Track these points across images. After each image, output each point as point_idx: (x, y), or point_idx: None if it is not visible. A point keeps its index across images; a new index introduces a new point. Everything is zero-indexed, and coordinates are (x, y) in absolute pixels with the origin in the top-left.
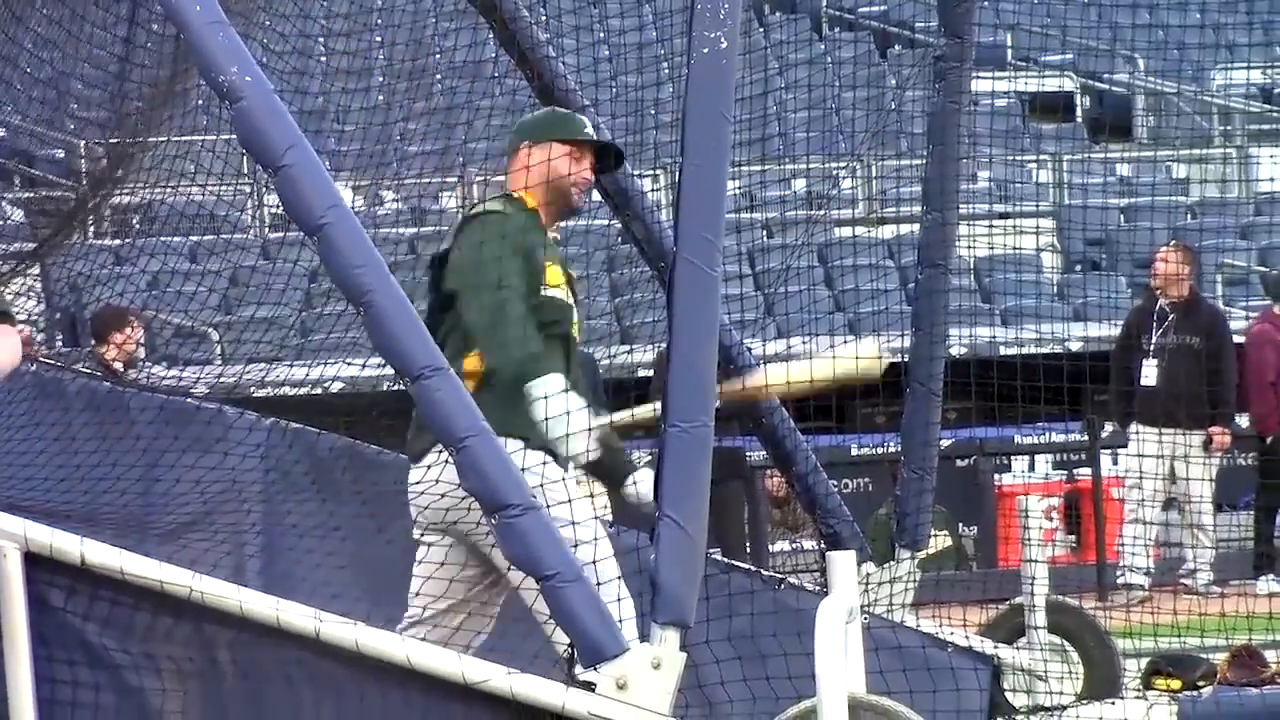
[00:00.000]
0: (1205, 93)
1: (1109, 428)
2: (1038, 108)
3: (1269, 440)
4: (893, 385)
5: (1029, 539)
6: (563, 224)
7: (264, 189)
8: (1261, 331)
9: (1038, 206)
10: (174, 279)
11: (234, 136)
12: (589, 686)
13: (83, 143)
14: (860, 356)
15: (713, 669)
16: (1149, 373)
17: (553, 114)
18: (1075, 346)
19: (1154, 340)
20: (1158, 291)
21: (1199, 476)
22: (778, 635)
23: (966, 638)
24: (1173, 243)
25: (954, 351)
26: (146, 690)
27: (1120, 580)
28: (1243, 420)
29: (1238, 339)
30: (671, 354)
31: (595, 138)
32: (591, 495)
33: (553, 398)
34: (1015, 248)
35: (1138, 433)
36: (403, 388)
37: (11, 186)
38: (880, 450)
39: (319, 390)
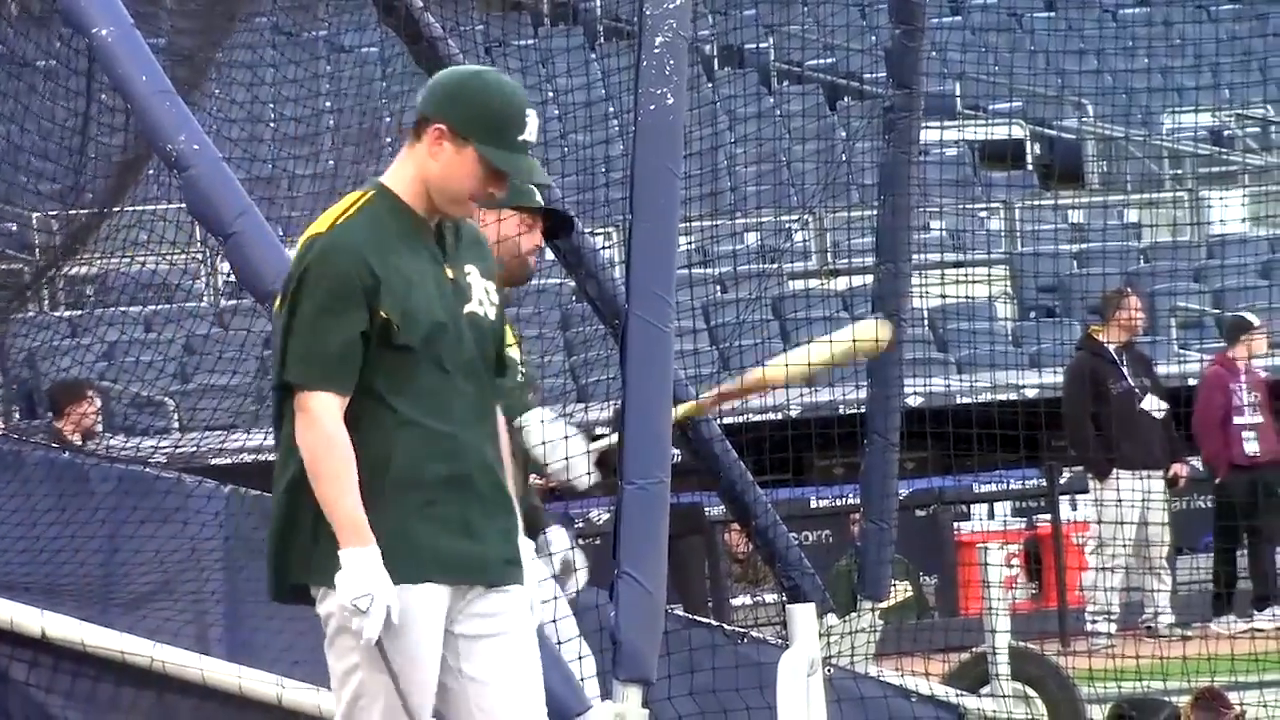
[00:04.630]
0: (1155, 137)
1: (1067, 473)
2: (988, 156)
3: (1218, 481)
4: (849, 437)
5: (990, 587)
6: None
7: (217, 257)
8: (1213, 374)
9: (990, 254)
10: (130, 348)
11: (184, 205)
12: None
13: (35, 215)
14: (858, 338)
15: None
16: (1145, 416)
17: None
18: (1031, 394)
19: (1129, 384)
20: (1100, 336)
21: (1159, 520)
22: (740, 689)
23: (930, 687)
24: (1125, 288)
25: (910, 401)
26: None
27: (1091, 627)
28: (1196, 462)
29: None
30: (626, 411)
31: (544, 205)
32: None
33: None
34: (969, 296)
35: (1143, 477)
36: None
37: None
38: (839, 502)
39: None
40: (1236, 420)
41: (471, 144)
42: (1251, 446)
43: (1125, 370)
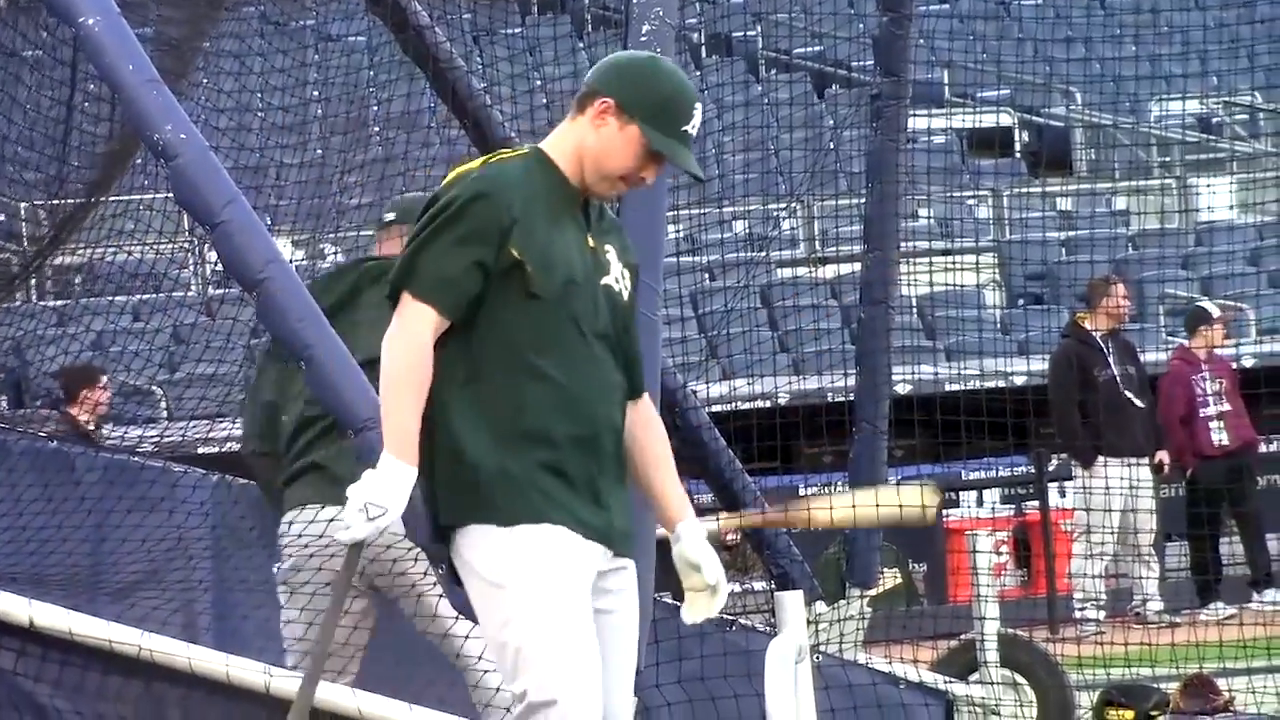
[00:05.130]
0: (1143, 124)
1: (1055, 461)
2: (976, 143)
3: (1189, 473)
4: (838, 424)
5: (978, 574)
6: None
7: (204, 246)
8: (1175, 368)
9: (978, 242)
10: (118, 338)
11: (171, 194)
12: None
13: (23, 205)
14: (904, 504)
15: (664, 712)
16: (1130, 403)
17: None
18: (1019, 381)
19: (1115, 371)
20: (1086, 324)
21: (1147, 508)
22: (728, 677)
23: (919, 674)
24: (1112, 275)
25: (899, 389)
26: None
27: (1079, 614)
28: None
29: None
30: None
31: None
32: None
33: None
34: (957, 284)
35: (1129, 465)
36: None
37: None
38: (828, 489)
39: None
40: (1203, 412)
41: (636, 123)
42: (1219, 436)
43: (1110, 358)
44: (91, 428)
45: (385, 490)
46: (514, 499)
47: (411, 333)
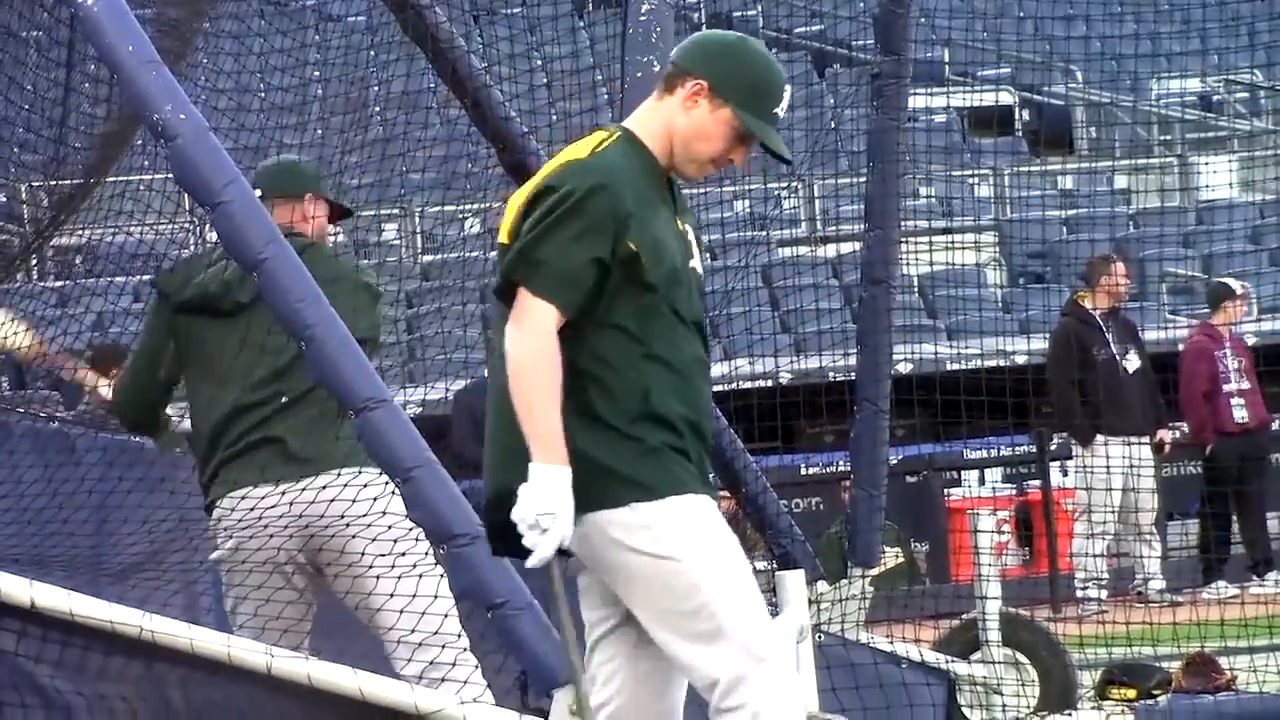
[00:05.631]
0: (1144, 103)
1: (1057, 440)
2: (976, 122)
3: (1208, 450)
4: (840, 403)
5: (980, 553)
6: None
7: (204, 226)
8: (1196, 343)
9: (979, 221)
10: (118, 319)
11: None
12: (542, 714)
13: (24, 187)
14: None
15: None
16: (1129, 382)
17: None
18: (1020, 360)
19: (1114, 350)
20: (1086, 303)
21: (1148, 487)
22: None
23: (921, 653)
24: (1111, 254)
25: (900, 368)
26: None
27: (1081, 593)
28: (1184, 425)
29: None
30: None
31: None
32: None
33: None
34: (958, 263)
35: (1129, 443)
36: None
37: None
38: (829, 469)
39: None
40: (1225, 388)
41: (729, 106)
42: (1240, 414)
43: (1110, 337)
44: None
45: (548, 498)
46: (654, 472)
47: (538, 329)
